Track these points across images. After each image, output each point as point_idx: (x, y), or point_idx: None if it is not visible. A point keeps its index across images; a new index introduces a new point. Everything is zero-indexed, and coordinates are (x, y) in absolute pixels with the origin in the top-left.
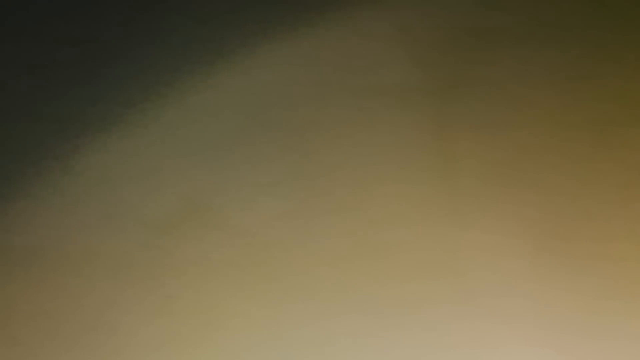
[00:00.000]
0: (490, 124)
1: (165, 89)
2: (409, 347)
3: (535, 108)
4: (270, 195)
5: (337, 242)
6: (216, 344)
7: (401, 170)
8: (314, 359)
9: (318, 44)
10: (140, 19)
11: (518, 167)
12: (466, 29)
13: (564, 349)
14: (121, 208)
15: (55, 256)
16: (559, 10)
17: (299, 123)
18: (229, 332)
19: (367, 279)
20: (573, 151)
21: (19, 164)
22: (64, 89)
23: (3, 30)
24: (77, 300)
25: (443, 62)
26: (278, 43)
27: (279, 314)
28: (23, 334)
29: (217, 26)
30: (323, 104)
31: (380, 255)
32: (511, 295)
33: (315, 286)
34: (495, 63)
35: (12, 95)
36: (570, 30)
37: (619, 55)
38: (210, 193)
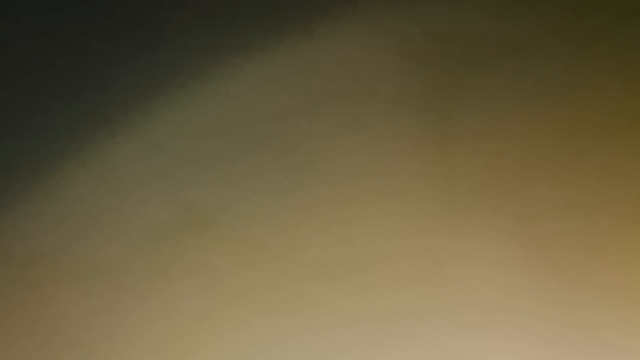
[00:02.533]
0: (486, 133)
1: (162, 97)
2: (402, 357)
3: (531, 118)
4: (270, 204)
5: (334, 251)
6: (212, 351)
7: (397, 179)
8: None
9: (314, 54)
10: (140, 27)
11: (514, 177)
12: (461, 39)
13: None
14: (118, 215)
15: (52, 262)
16: (555, 22)
17: (295, 132)
18: (225, 339)
19: (362, 288)
20: (569, 161)
21: (17, 171)
22: (63, 97)
23: (4, 35)
24: (74, 306)
25: (440, 73)
26: (274, 53)
27: (275, 322)
28: (20, 339)
29: (213, 35)
30: (319, 114)
31: (376, 265)
32: (506, 307)
33: (310, 295)
34: (494, 74)
35: (10, 102)
36: (566, 41)
37: (615, 65)
38: (210, 202)
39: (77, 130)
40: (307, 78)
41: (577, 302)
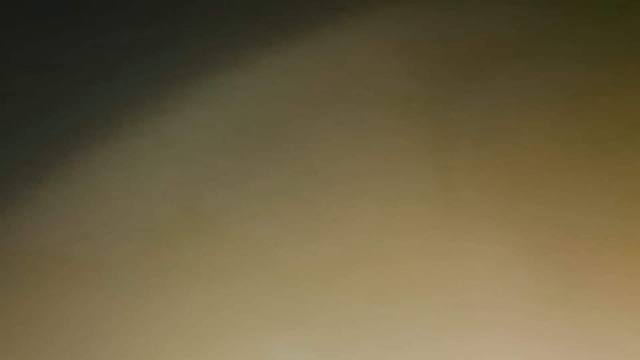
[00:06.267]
0: (487, 135)
1: (163, 99)
2: (403, 357)
3: (533, 120)
4: (269, 205)
5: (333, 253)
6: (213, 351)
7: (397, 180)
8: None
9: (315, 55)
10: (141, 32)
11: (515, 179)
12: (464, 40)
13: None
14: (119, 215)
15: (53, 262)
16: (558, 23)
17: (295, 133)
18: (226, 340)
19: (363, 290)
20: (571, 163)
21: (19, 171)
22: (65, 97)
23: (6, 35)
24: (75, 306)
25: (441, 73)
26: (275, 54)
27: (276, 323)
28: (20, 339)
29: (214, 37)
30: (319, 115)
31: (376, 266)
32: (508, 307)
33: (310, 296)
34: (493, 75)
35: (13, 102)
36: (569, 43)
37: (619, 69)
38: (209, 202)
39: (77, 131)
40: (307, 79)
41: (578, 302)
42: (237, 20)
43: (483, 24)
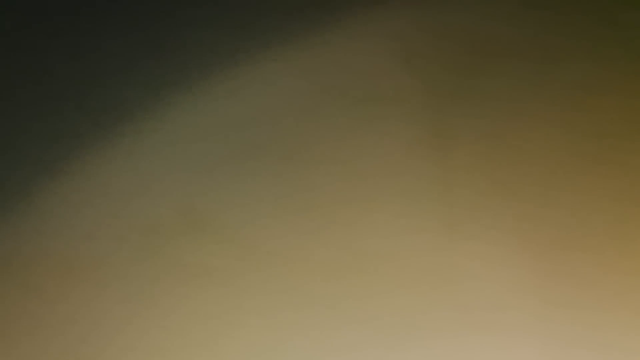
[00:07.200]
0: (488, 135)
1: (166, 98)
2: (404, 357)
3: (533, 120)
4: (269, 206)
5: (334, 253)
6: (214, 353)
7: (398, 181)
8: None
9: (314, 56)
10: (142, 32)
11: (515, 179)
12: (464, 41)
13: None
14: (121, 217)
15: (56, 263)
16: (559, 22)
17: (296, 134)
18: (227, 341)
19: (364, 290)
20: (571, 163)
21: (22, 173)
22: (66, 100)
23: (5, 37)
24: (77, 307)
25: (441, 74)
26: (277, 55)
27: (276, 324)
28: (23, 340)
29: (217, 38)
30: (320, 116)
31: (377, 266)
32: (508, 308)
33: (312, 296)
34: (494, 75)
35: (14, 105)
36: (569, 42)
37: (620, 68)
38: (210, 203)
39: (78, 132)
40: (307, 80)
41: (579, 303)
42: (236, 23)
43: (483, 24)
